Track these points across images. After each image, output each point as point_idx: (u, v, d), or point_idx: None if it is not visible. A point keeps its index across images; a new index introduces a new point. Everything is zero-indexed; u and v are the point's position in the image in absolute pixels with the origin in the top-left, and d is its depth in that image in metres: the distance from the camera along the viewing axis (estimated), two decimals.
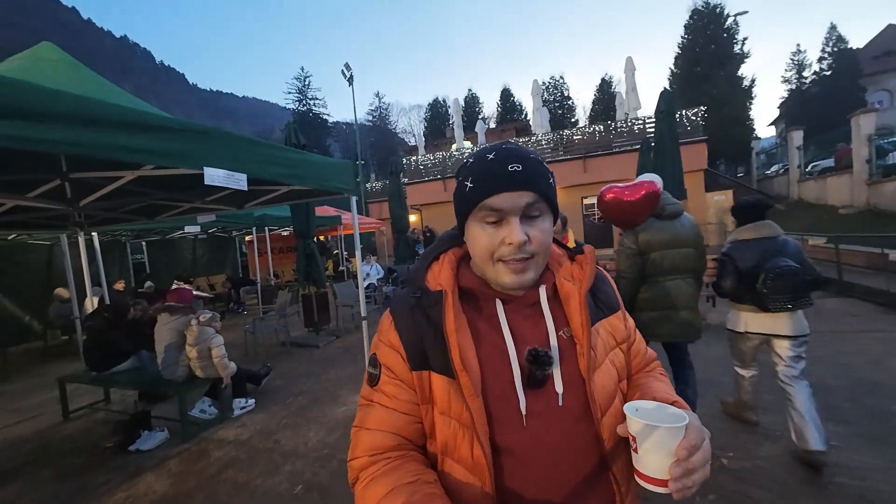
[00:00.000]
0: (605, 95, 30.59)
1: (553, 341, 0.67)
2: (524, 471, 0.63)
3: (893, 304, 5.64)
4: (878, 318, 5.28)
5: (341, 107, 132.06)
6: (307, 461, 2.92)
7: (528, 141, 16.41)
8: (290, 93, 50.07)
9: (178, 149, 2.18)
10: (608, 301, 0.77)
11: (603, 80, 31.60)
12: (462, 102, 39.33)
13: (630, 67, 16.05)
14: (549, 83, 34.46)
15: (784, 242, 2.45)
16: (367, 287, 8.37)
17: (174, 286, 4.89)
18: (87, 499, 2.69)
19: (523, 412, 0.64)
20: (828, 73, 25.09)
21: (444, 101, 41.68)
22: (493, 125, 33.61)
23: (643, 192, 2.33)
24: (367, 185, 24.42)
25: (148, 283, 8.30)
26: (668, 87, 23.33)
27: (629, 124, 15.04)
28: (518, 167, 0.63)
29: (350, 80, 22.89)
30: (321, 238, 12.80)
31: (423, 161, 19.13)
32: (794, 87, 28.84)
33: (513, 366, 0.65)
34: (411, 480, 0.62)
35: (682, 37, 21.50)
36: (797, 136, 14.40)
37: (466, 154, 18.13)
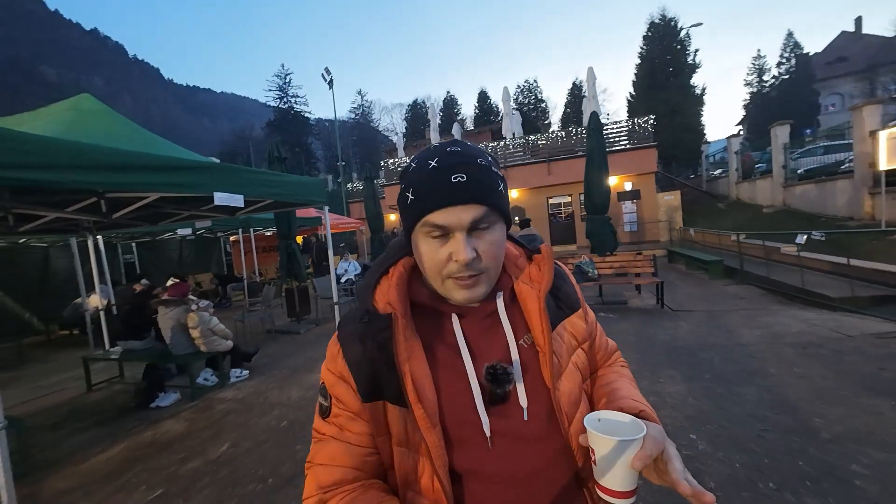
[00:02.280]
0: (576, 99, 32.03)
1: (514, 353, 0.64)
2: (493, 494, 0.60)
3: (772, 289, 6.95)
4: (757, 300, 6.55)
5: (323, 103, 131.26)
6: (290, 408, 3.91)
7: (498, 145, 17.51)
8: (270, 90, 50.22)
9: (193, 181, 3.16)
10: (568, 300, 0.74)
11: (574, 84, 33.12)
12: (440, 104, 40.37)
13: (591, 77, 17.25)
14: (524, 86, 35.83)
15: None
16: (346, 282, 9.34)
17: (169, 283, 5.75)
18: (121, 438, 3.62)
19: (487, 434, 0.60)
20: (786, 76, 27.10)
21: (423, 101, 42.62)
22: (470, 126, 34.64)
23: None
24: (349, 186, 25.24)
25: (143, 280, 9.06)
26: (631, 92, 24.85)
27: (580, 134, 16.34)
28: (462, 178, 0.57)
29: (330, 84, 23.56)
30: (309, 237, 13.64)
31: (401, 163, 20.06)
32: (755, 90, 30.96)
33: (472, 386, 0.61)
34: None
35: (641, 47, 23.06)
36: (782, 133, 12.39)
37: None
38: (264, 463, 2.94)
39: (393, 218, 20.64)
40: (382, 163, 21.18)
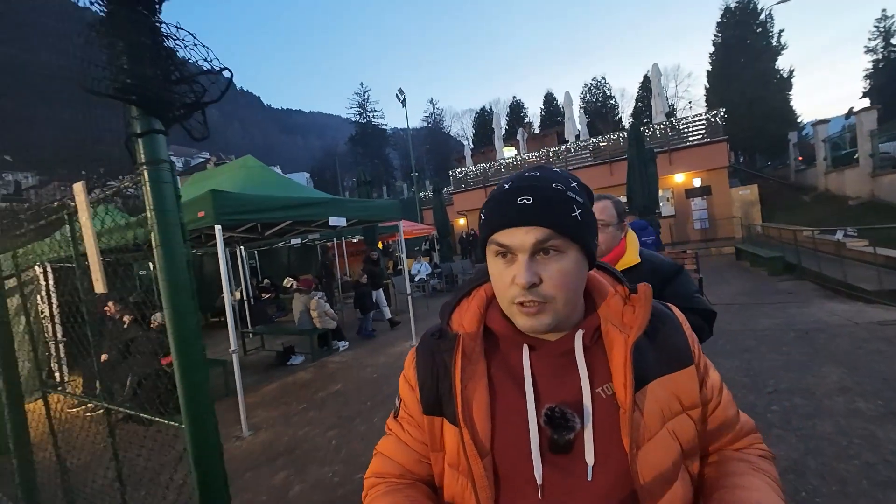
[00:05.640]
0: (648, 92, 30.76)
1: (587, 400, 0.57)
2: None
3: (823, 284, 7.03)
4: (804, 294, 6.74)
5: (398, 113, 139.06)
6: (378, 367, 5.50)
7: (559, 149, 18.13)
8: (351, 108, 55.46)
9: (319, 211, 4.88)
10: (675, 353, 0.62)
11: (645, 76, 31.73)
12: (507, 109, 41.15)
13: (657, 73, 17.12)
14: (592, 84, 35.22)
15: None
16: (418, 280, 11.03)
17: (286, 281, 7.83)
18: (275, 380, 5.49)
19: (538, 481, 0.56)
20: None
21: (490, 108, 43.84)
22: (537, 130, 35.01)
23: None
24: (422, 194, 27.50)
25: (266, 280, 11.68)
26: (705, 85, 23.44)
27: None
28: (528, 200, 0.56)
29: (403, 103, 25.96)
30: (382, 244, 15.82)
31: (468, 171, 21.57)
32: (879, 56, 26.60)
33: (530, 426, 0.57)
34: None
35: (714, 34, 21.72)
36: (868, 119, 11.21)
37: (508, 162, 20.27)
38: (363, 395, 4.51)
39: (462, 222, 22.25)
40: (451, 172, 22.86)
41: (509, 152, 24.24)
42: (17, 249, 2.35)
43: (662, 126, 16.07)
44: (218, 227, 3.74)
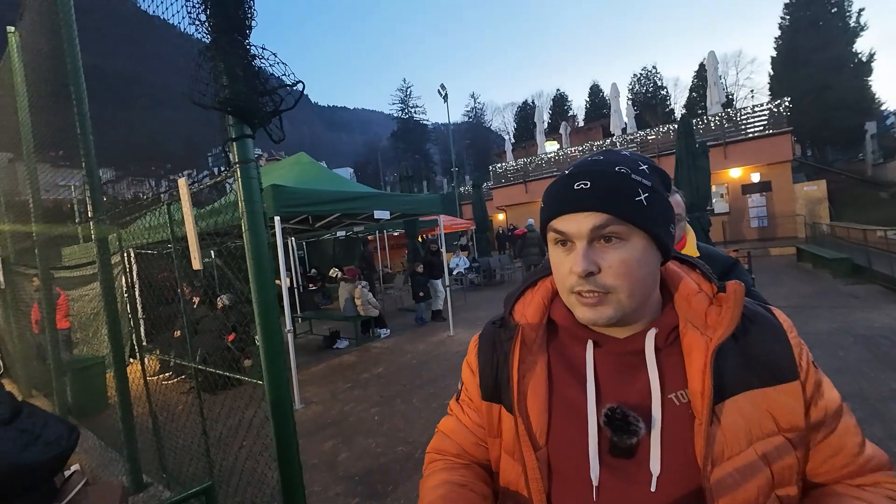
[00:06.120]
0: (703, 81, 28.93)
1: (656, 405, 0.53)
2: None
3: (894, 288, 6.47)
4: (870, 299, 6.25)
5: (441, 108, 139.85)
6: (418, 353, 5.77)
7: (603, 143, 17.61)
8: (394, 103, 56.51)
9: (364, 204, 5.19)
10: (773, 363, 0.53)
11: (701, 64, 29.81)
12: (549, 103, 40.24)
13: (713, 62, 16.16)
14: (641, 74, 33.62)
15: None
16: (456, 274, 11.25)
17: (333, 271, 8.31)
18: (322, 361, 5.91)
19: (594, 483, 0.53)
20: None
21: (533, 101, 43.08)
22: (581, 123, 34.02)
23: None
24: (462, 189, 27.68)
25: (313, 270, 12.39)
26: (770, 71, 21.72)
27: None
28: (585, 184, 0.53)
29: (445, 98, 26.16)
30: (423, 237, 16.22)
31: (508, 166, 21.47)
32: None
33: (589, 425, 0.55)
34: (461, 483, 0.65)
35: (781, 17, 19.96)
36: None
37: (550, 157, 19.95)
38: (403, 378, 4.79)
39: (501, 218, 22.19)
40: (491, 167, 22.85)
41: (551, 147, 23.81)
42: (121, 231, 2.78)
43: (718, 117, 15.17)
44: (276, 218, 4.12)
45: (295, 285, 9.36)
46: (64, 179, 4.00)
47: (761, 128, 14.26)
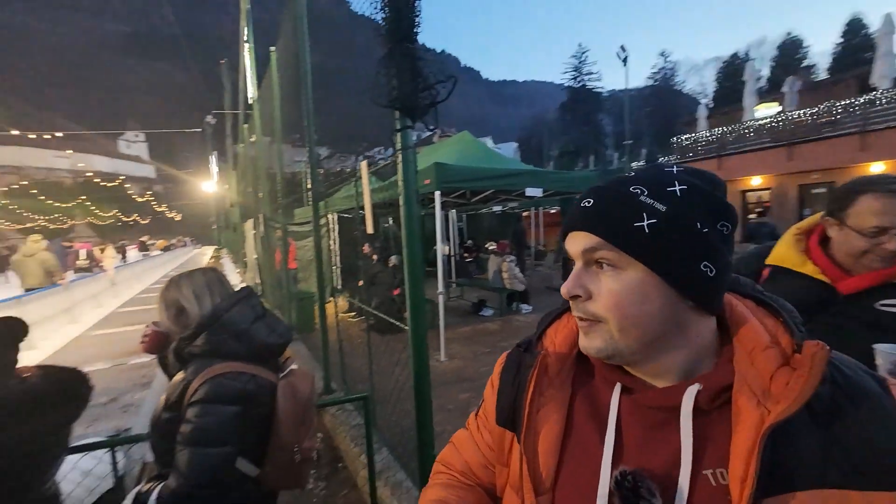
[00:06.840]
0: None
1: (683, 479, 0.43)
2: None
3: None
4: None
5: (619, 73, 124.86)
6: None
7: (853, 103, 12.97)
8: (566, 72, 53.31)
9: (518, 181, 5.35)
10: (870, 459, 0.40)
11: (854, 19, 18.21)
12: (770, 57, 31.44)
13: (889, 26, 10.03)
14: None
15: None
16: None
17: (488, 244, 8.76)
18: (468, 325, 6.46)
19: None
20: None
21: (746, 53, 34.42)
22: (823, 75, 25.68)
23: None
24: (634, 164, 24.83)
25: (469, 241, 13.35)
26: None
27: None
28: (589, 202, 0.49)
29: (625, 61, 23.41)
30: None
31: (698, 137, 18.09)
32: None
33: (600, 483, 0.47)
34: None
35: None
36: None
37: (762, 123, 15.89)
38: None
39: None
40: (674, 139, 19.66)
41: (767, 110, 18.77)
42: (327, 199, 3.66)
43: None
44: (437, 193, 4.65)
45: (452, 253, 10.29)
46: (298, 157, 5.40)
47: None
